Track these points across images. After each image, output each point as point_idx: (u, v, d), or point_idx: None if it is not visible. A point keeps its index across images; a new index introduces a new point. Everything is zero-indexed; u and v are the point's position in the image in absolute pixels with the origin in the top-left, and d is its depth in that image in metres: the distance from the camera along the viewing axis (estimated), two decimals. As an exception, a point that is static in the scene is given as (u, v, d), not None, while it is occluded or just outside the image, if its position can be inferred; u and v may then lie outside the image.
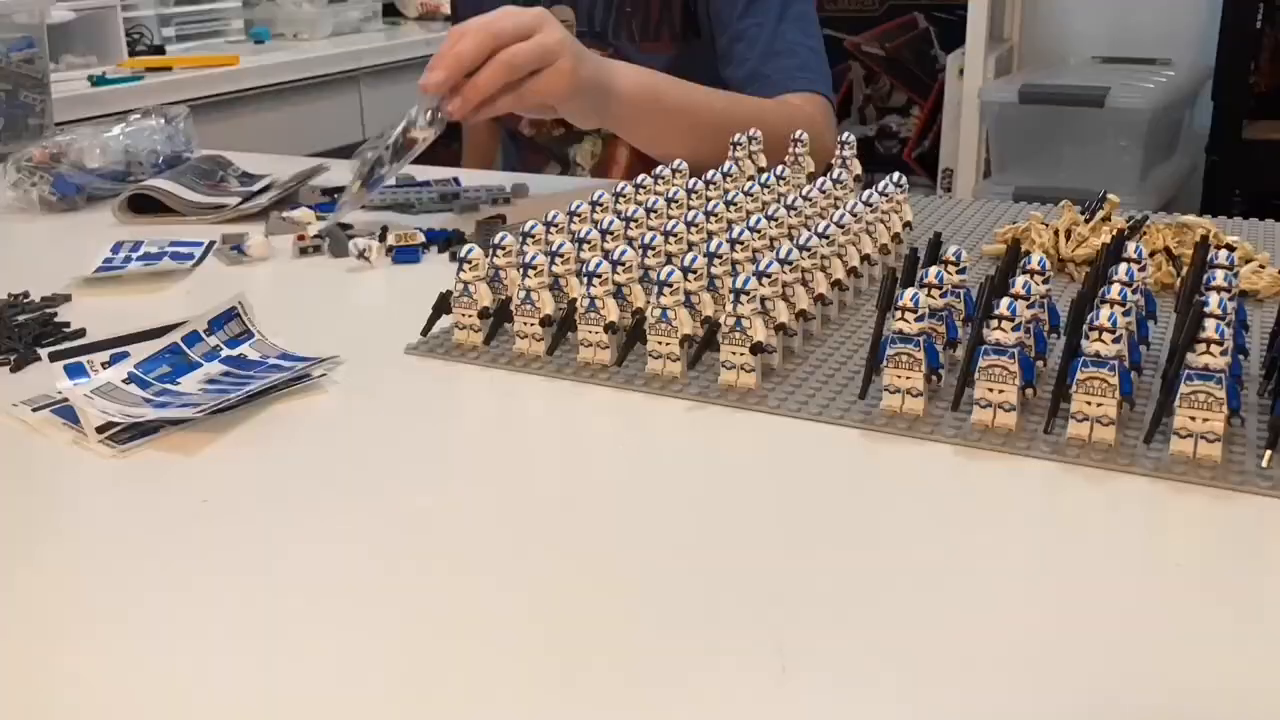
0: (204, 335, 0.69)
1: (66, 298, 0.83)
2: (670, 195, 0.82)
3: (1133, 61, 2.63)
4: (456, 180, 1.16)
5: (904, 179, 0.88)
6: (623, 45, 1.29)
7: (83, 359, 0.66)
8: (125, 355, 0.66)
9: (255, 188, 1.11)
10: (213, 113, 2.23)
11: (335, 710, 0.40)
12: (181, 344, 0.68)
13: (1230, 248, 0.78)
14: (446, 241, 0.94)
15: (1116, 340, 0.55)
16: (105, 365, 0.66)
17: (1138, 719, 0.39)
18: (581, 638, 0.43)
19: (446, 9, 2.69)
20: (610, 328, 0.67)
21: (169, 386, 0.65)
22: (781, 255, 0.66)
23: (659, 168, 0.88)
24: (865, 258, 0.78)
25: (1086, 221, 0.85)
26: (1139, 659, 0.42)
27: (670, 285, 0.65)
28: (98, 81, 2.10)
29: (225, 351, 0.68)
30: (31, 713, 0.41)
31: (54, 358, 0.66)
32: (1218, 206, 2.43)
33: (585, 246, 0.71)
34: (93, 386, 0.62)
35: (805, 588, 0.46)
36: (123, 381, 0.64)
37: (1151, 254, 0.79)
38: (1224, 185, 2.44)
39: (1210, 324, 0.54)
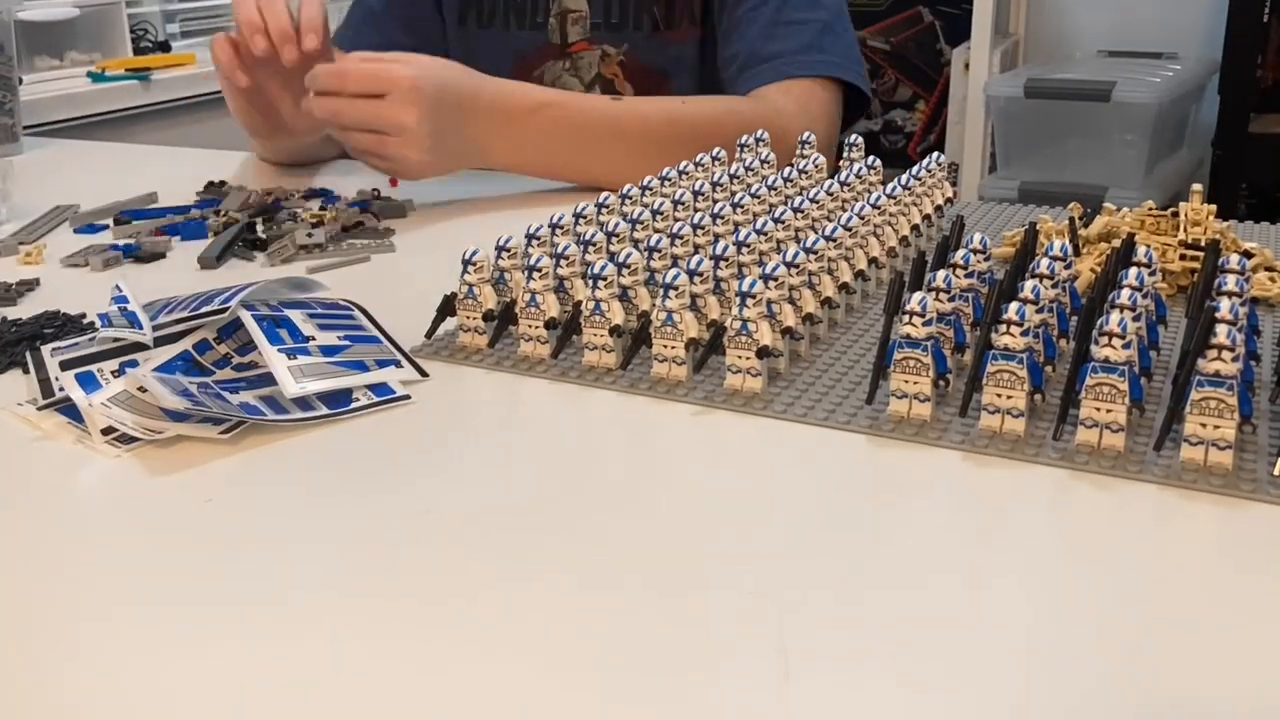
0: (213, 344, 0.68)
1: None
2: (676, 198, 0.81)
3: (1138, 55, 2.62)
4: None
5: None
6: (642, 37, 1.26)
7: (92, 368, 0.66)
8: (135, 364, 0.66)
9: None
10: (216, 109, 2.22)
11: (337, 711, 0.40)
12: (192, 351, 0.67)
13: (1248, 254, 0.78)
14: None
15: (1126, 346, 0.55)
16: (115, 374, 0.65)
17: (1149, 734, 0.39)
18: (584, 639, 0.43)
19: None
20: (615, 331, 0.67)
21: (223, 384, 0.64)
22: (788, 258, 0.66)
23: (666, 169, 0.88)
24: (873, 261, 0.77)
25: (1085, 226, 0.85)
26: (1146, 668, 0.41)
27: (676, 288, 0.64)
28: (96, 79, 2.09)
29: (236, 359, 0.68)
30: (31, 713, 0.40)
31: (64, 366, 0.65)
32: (1224, 201, 2.41)
33: (590, 249, 0.71)
34: (108, 396, 0.62)
35: (810, 592, 0.46)
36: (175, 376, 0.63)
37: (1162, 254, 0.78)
38: (1230, 179, 2.43)
39: (1222, 329, 0.53)
